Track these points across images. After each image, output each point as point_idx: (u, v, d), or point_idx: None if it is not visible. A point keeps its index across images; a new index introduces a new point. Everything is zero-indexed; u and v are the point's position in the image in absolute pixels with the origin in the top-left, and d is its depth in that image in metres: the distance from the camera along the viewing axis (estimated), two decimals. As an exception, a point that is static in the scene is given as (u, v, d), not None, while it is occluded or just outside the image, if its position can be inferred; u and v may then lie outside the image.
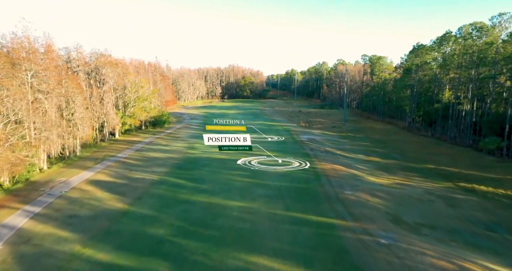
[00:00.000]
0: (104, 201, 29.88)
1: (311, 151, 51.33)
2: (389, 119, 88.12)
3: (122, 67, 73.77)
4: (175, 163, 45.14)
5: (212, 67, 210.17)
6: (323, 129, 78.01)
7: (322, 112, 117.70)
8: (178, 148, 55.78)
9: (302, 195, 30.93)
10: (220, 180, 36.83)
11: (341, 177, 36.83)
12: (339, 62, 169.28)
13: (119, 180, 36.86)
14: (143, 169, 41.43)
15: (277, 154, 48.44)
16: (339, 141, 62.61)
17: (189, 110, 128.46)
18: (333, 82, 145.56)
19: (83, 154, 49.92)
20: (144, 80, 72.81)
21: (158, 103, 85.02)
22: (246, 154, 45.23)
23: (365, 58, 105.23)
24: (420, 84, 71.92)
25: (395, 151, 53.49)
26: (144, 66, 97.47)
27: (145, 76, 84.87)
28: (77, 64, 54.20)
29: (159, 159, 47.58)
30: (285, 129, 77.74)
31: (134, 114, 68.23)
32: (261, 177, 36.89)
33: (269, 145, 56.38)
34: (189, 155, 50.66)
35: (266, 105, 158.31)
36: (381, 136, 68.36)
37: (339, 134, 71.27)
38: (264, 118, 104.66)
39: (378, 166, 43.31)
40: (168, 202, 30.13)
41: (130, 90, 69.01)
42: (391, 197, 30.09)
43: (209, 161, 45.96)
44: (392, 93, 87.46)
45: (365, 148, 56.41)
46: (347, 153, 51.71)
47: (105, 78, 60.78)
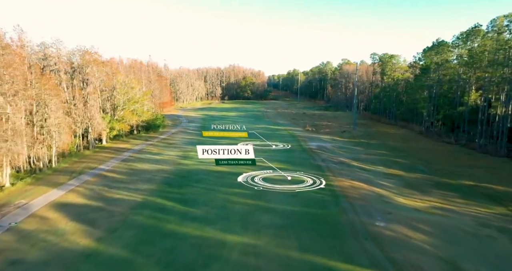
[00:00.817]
0: (66, 236, 23.11)
1: (323, 162, 44.51)
2: (402, 123, 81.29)
3: (112, 66, 67.15)
4: (165, 177, 38.41)
5: (212, 67, 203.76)
6: (332, 135, 71.19)
7: (328, 115, 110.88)
8: (170, 157, 49.07)
9: (320, 226, 24.15)
10: (217, 201, 30.11)
11: (364, 199, 30.03)
12: (344, 62, 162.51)
13: (94, 201, 30.11)
14: (126, 186, 34.71)
15: (285, 167, 41.68)
16: (352, 149, 55.77)
17: (187, 112, 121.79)
18: (338, 82, 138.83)
19: (60, 166, 43.22)
20: (135, 81, 66.13)
21: (151, 105, 78.34)
22: (248, 168, 38.39)
23: (375, 57, 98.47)
24: (440, 84, 65.11)
25: (419, 161, 46.65)
26: (136, 65, 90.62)
27: (138, 76, 78.25)
28: (55, 62, 47.48)
29: (147, 171, 40.87)
30: (290, 135, 70.95)
31: (124, 118, 61.52)
32: (267, 198, 30.11)
33: (274, 154, 49.60)
34: (183, 166, 43.94)
35: (268, 106, 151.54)
36: (397, 142, 61.51)
37: (351, 140, 64.43)
38: (267, 121, 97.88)
39: (405, 182, 36.47)
40: (149, 235, 23.39)
41: (119, 92, 62.34)
42: (436, 231, 23.28)
43: (205, 174, 39.25)
44: (406, 94, 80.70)
45: (383, 157, 49.59)
46: (364, 164, 44.90)
47: (89, 78, 54.09)
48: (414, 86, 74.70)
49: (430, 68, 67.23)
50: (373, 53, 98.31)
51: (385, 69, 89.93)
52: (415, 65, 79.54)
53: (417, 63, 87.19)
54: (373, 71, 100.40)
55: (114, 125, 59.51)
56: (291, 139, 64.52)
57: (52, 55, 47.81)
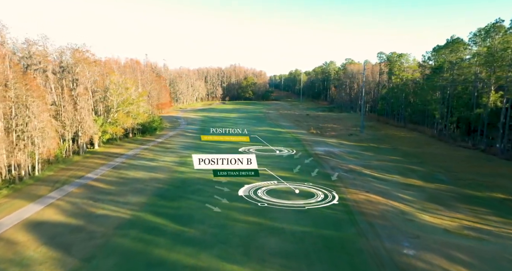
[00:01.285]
0: (32, 268, 19.26)
1: (332, 171, 40.57)
2: (412, 126, 77.26)
3: (105, 65, 63.41)
4: (158, 187, 34.58)
5: (213, 67, 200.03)
6: (339, 138, 67.22)
7: (332, 117, 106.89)
8: (166, 164, 45.23)
9: (337, 255, 20.25)
10: (214, 218, 26.26)
11: (385, 217, 26.09)
12: (348, 62, 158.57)
13: (74, 219, 26.27)
14: (113, 199, 30.89)
15: (290, 176, 37.80)
16: (362, 154, 51.79)
17: (187, 114, 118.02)
18: (342, 83, 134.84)
19: (44, 174, 39.42)
20: (130, 81, 62.33)
21: (148, 107, 74.55)
22: (250, 178, 34.48)
23: (381, 56, 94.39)
24: (454, 85, 61.05)
25: (437, 169, 42.66)
26: (132, 64, 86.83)
27: (134, 76, 74.49)
28: (39, 60, 43.69)
29: (139, 180, 37.05)
30: (294, 138, 67.02)
31: (117, 121, 57.68)
32: (273, 216, 26.22)
33: (278, 161, 45.68)
34: (178, 174, 40.11)
35: (270, 108, 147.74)
36: (410, 147, 57.50)
37: (359, 144, 60.46)
38: (269, 123, 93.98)
39: (426, 195, 32.49)
40: (132, 266, 19.56)
41: (112, 93, 58.54)
42: (478, 261, 19.34)
43: (202, 184, 35.40)
44: (416, 95, 76.67)
45: (396, 164, 45.63)
46: (377, 172, 40.95)
47: (79, 78, 50.31)
48: (425, 86, 70.69)
49: (443, 68, 63.22)
50: (379, 52, 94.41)
51: (393, 69, 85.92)
52: (426, 65, 75.47)
53: (426, 63, 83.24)
54: (380, 71, 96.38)
55: (106, 129, 55.70)
56: (295, 143, 60.58)
57: (36, 53, 44.00)
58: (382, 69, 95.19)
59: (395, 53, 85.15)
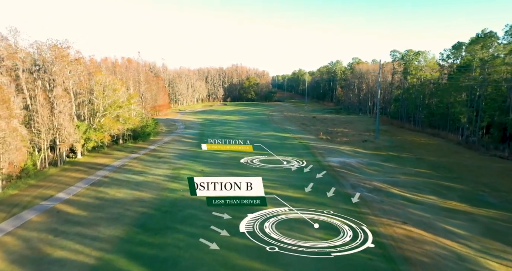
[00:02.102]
0: None
1: (353, 190, 33.62)
2: (431, 131, 70.15)
3: (91, 64, 56.76)
4: (140, 213, 27.84)
5: (214, 67, 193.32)
6: (352, 145, 60.21)
7: (341, 120, 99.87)
8: (155, 179, 38.46)
9: None
10: (209, 265, 19.44)
11: (439, 267, 19.12)
12: (355, 61, 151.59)
13: (17, 269, 19.47)
14: (80, 232, 24.15)
15: (303, 197, 30.94)
16: (383, 167, 44.81)
17: (185, 116, 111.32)
18: (350, 83, 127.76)
19: (5, 193, 32.68)
20: (120, 82, 55.62)
21: (141, 110, 67.86)
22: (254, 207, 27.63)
23: (395, 55, 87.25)
24: (486, 85, 53.95)
25: (479, 186, 35.63)
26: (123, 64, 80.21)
27: (126, 76, 67.86)
28: (2, 57, 36.99)
29: (119, 202, 30.32)
30: (302, 145, 60.06)
31: (103, 127, 50.95)
32: (287, 267, 19.29)
33: (287, 177, 38.75)
34: (168, 193, 33.36)
35: (274, 109, 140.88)
36: (436, 156, 50.43)
37: (377, 153, 53.44)
38: (273, 127, 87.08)
39: (481, 227, 25.44)
40: None
41: (98, 95, 51.85)
42: None
43: (196, 207, 28.67)
44: (436, 97, 69.63)
45: (427, 179, 38.63)
46: (407, 191, 33.97)
47: (56, 78, 43.65)
48: (447, 87, 63.62)
49: (472, 66, 56.17)
50: (393, 51, 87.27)
51: (408, 68, 78.82)
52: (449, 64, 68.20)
53: (445, 61, 76.18)
54: (393, 71, 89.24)
55: (90, 136, 48.96)
56: (304, 152, 53.60)
57: (1, 49, 37.33)
58: (396, 68, 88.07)
59: (412, 50, 78.09)
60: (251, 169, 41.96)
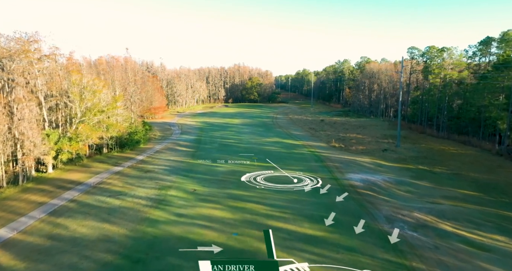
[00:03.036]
0: None
1: (389, 225, 25.43)
2: (459, 138, 61.75)
3: (68, 62, 48.94)
4: (102, 263, 20.04)
5: (215, 67, 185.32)
6: (372, 155, 51.96)
7: (352, 123, 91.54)
8: (135, 204, 30.52)
9: None
10: None
11: None
12: (364, 60, 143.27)
13: None
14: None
15: (324, 236, 22.83)
16: (416, 186, 36.57)
17: (183, 119, 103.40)
18: (360, 83, 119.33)
19: None
20: (100, 82, 47.69)
21: (129, 114, 60.00)
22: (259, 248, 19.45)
23: (413, 52, 78.77)
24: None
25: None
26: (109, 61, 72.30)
27: (111, 75, 59.99)
28: None
29: (77, 244, 22.47)
30: (314, 155, 51.84)
31: (79, 136, 43.03)
32: None
33: (298, 201, 30.62)
34: (147, 226, 25.48)
35: (278, 111, 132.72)
36: (477, 171, 42.05)
37: (404, 166, 45.17)
38: (278, 132, 78.92)
39: None
40: None
41: (74, 98, 43.96)
42: None
43: (180, 255, 20.63)
44: (464, 99, 61.29)
45: (480, 207, 30.41)
46: (462, 227, 25.78)
47: (15, 78, 35.79)
48: (479, 88, 55.30)
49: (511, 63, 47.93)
50: (411, 48, 78.68)
51: (430, 67, 70.44)
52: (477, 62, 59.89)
53: (472, 58, 67.82)
54: (411, 70, 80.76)
55: (63, 146, 41.03)
56: (317, 165, 45.38)
57: None
58: (414, 67, 79.67)
59: (434, 47, 69.67)
60: (254, 190, 33.92)
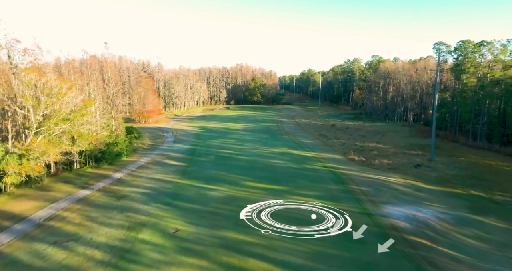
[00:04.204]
0: None
1: None
2: (503, 149, 51.53)
3: (25, 59, 39.45)
4: None
5: (216, 66, 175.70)
6: (403, 173, 41.91)
7: (367, 129, 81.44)
8: (84, 259, 20.81)
9: None
10: None
11: None
12: (376, 59, 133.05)
13: None
14: None
15: None
16: (483, 227, 26.55)
17: (179, 124, 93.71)
18: (373, 84, 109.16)
19: None
20: (65, 83, 38.03)
21: (109, 122, 50.37)
22: None
23: (441, 48, 68.61)
24: None
25: None
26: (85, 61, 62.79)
27: (87, 77, 50.42)
28: None
29: None
30: (331, 174, 41.81)
31: (31, 152, 33.38)
32: None
33: (325, 261, 20.62)
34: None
35: (283, 114, 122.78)
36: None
37: (450, 190, 35.09)
38: (285, 140, 69.01)
39: None
40: None
41: (26, 103, 34.34)
42: None
43: None
44: (508, 103, 51.21)
45: None
46: None
47: None
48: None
49: None
50: (437, 43, 68.51)
51: (463, 65, 60.38)
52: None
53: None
54: (439, 69, 70.51)
55: (6, 167, 31.38)
56: (338, 189, 35.32)
57: None
58: (441, 66, 69.58)
59: (470, 41, 59.44)
60: (257, 235, 23.99)
